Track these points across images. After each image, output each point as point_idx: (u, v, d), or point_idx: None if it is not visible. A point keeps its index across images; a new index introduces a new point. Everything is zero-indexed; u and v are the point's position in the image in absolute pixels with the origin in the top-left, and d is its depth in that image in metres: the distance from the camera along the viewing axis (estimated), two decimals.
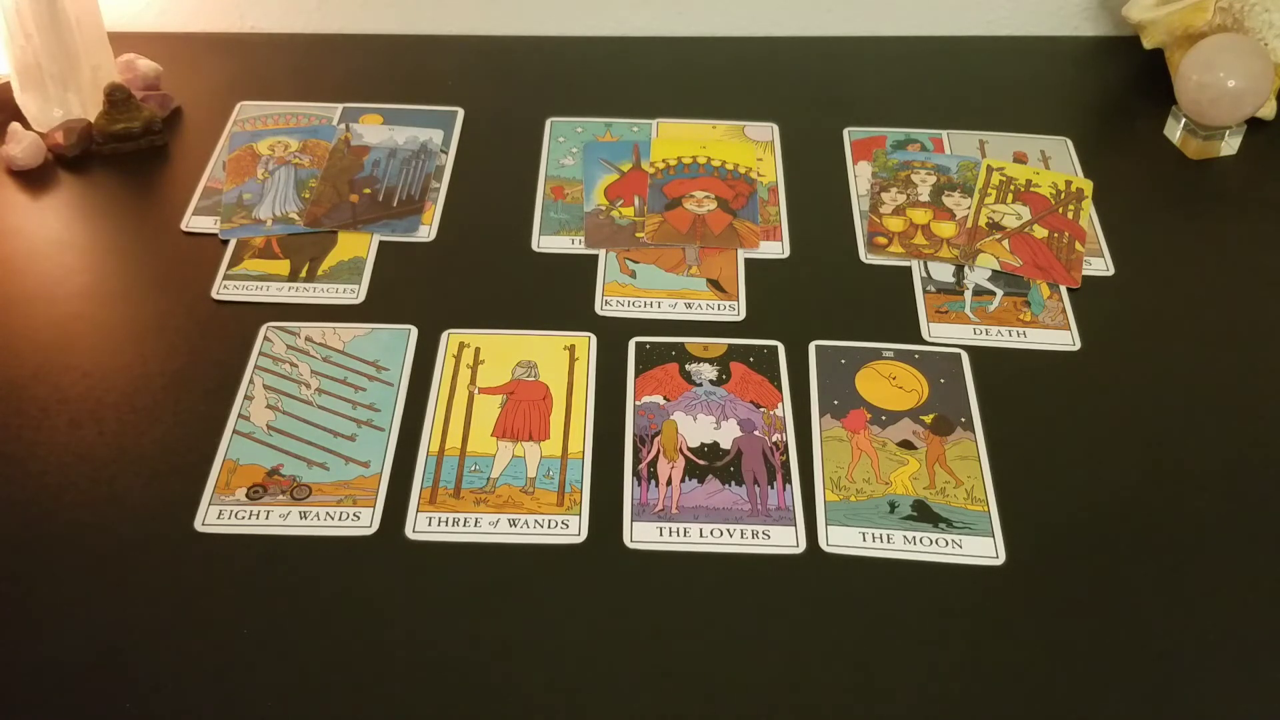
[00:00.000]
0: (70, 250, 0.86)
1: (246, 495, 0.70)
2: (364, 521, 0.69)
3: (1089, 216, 0.90)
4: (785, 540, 0.68)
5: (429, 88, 1.02)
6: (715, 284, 0.84)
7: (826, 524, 0.69)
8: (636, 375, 0.78)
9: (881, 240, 0.87)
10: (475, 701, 0.61)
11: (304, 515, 0.69)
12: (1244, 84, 0.91)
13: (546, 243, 0.87)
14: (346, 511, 0.69)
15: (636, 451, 0.73)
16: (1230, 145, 0.95)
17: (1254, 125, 0.97)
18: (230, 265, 0.85)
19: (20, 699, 0.61)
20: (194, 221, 0.88)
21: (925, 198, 0.91)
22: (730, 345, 0.80)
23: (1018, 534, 0.69)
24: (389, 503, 0.70)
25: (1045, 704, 0.61)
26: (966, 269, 0.85)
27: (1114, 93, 1.04)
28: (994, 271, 0.85)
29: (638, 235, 0.88)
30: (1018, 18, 1.09)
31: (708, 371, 0.78)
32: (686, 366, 0.78)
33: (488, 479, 0.71)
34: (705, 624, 0.64)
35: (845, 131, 0.98)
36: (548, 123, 0.98)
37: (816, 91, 1.02)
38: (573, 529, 0.69)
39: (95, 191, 0.91)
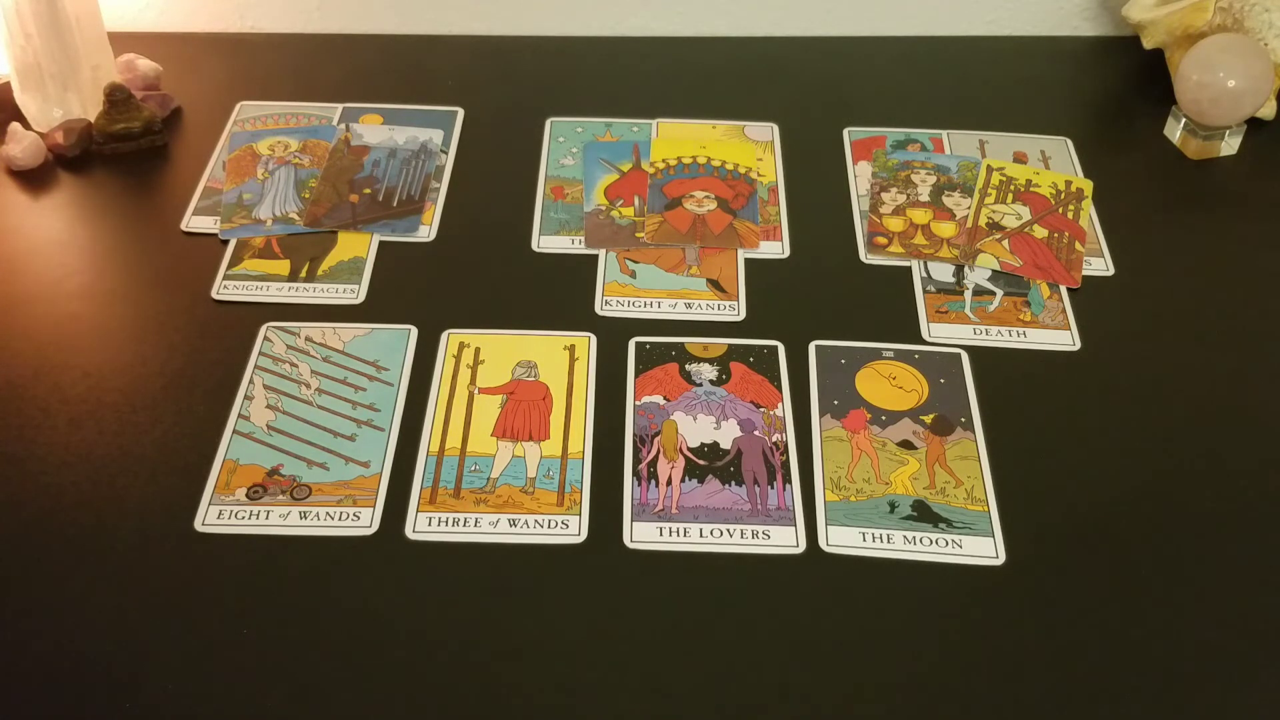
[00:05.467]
0: (70, 250, 0.86)
1: (246, 495, 0.70)
2: (364, 521, 0.69)
3: (1089, 216, 0.90)
4: (785, 540, 0.68)
5: (429, 88, 1.02)
6: (715, 284, 0.84)
7: (826, 524, 0.69)
8: (636, 375, 0.78)
9: (881, 240, 0.87)
10: (475, 701, 0.61)
11: (304, 515, 0.69)
12: (1244, 84, 0.91)
13: (546, 243, 0.87)
14: (346, 511, 0.69)
15: (636, 451, 0.73)
16: (1230, 145, 0.95)
17: (1254, 125, 0.97)
18: (230, 265, 0.85)
19: (20, 699, 0.61)
20: (194, 221, 0.89)
21: (925, 198, 0.91)
22: (730, 345, 0.80)
23: (1018, 534, 0.69)
24: (389, 503, 0.70)
25: (1045, 704, 0.61)
26: (966, 269, 0.85)
27: (1114, 93, 1.04)
28: (994, 271, 0.85)
29: (638, 235, 0.88)
30: (1018, 18, 1.09)
31: (708, 371, 0.78)
32: (686, 366, 0.78)
33: (488, 479, 0.71)
34: (705, 624, 0.64)
35: (845, 131, 0.98)
36: (548, 123, 0.98)
37: (816, 91, 1.02)
38: (573, 529, 0.69)
39: (95, 191, 0.91)
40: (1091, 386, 0.78)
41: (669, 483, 0.71)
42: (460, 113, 0.99)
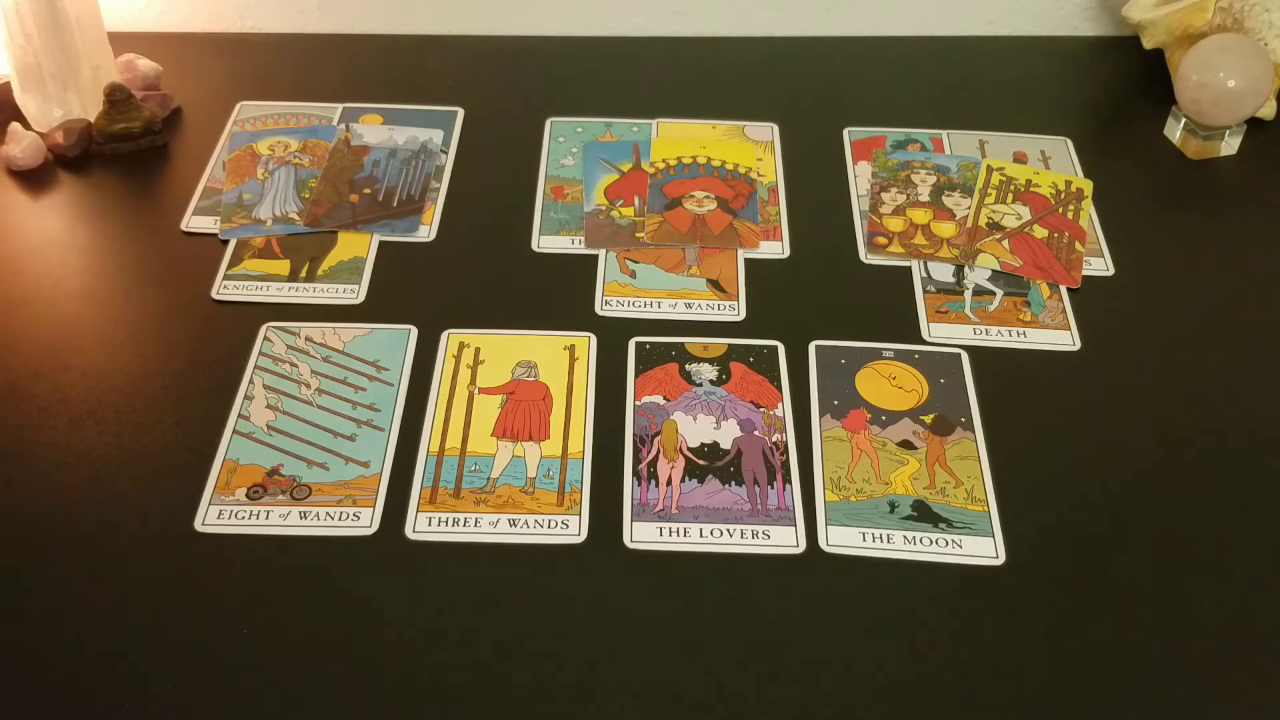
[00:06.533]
0: (70, 250, 0.86)
1: (246, 495, 0.70)
2: (364, 521, 0.69)
3: (1089, 216, 0.90)
4: (785, 540, 0.68)
5: (429, 88, 1.02)
6: (715, 284, 0.84)
7: (826, 524, 0.69)
8: (636, 375, 0.78)
9: (881, 240, 0.87)
10: (475, 701, 0.61)
11: (304, 515, 0.69)
12: (1244, 84, 0.91)
13: (546, 243, 0.87)
14: (346, 511, 0.69)
15: (636, 451, 0.73)
16: (1230, 145, 0.95)
17: (1254, 125, 0.97)
18: (230, 265, 0.85)
19: (20, 699, 0.61)
20: (194, 221, 0.89)
21: (925, 198, 0.91)
22: (730, 345, 0.80)
23: (1018, 534, 0.69)
24: (389, 503, 0.70)
25: (1044, 704, 0.61)
26: (966, 269, 0.85)
27: (1114, 93, 1.04)
28: (994, 271, 0.85)
29: (638, 235, 0.88)
30: (1018, 18, 1.09)
31: (708, 371, 0.78)
32: (686, 366, 0.78)
33: (488, 479, 0.71)
34: (705, 624, 0.64)
35: (845, 131, 0.98)
36: (548, 123, 0.98)
37: (816, 91, 1.02)
38: (573, 529, 0.69)
39: (95, 191, 0.91)
40: (1091, 386, 0.78)
41: (669, 483, 0.71)
42: (460, 113, 0.99)
